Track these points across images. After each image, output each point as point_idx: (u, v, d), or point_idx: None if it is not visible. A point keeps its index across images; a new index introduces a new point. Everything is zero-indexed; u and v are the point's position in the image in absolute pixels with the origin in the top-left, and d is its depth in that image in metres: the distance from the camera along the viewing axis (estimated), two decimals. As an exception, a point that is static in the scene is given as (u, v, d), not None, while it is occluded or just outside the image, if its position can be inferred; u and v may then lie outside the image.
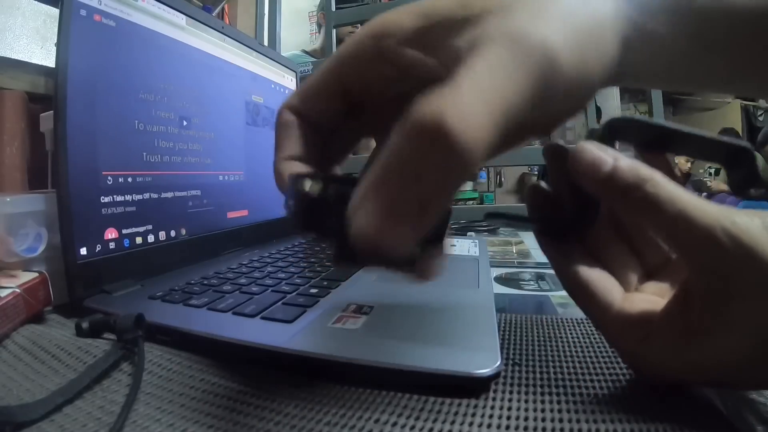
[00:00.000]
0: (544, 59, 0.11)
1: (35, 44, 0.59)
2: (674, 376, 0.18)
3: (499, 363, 0.21)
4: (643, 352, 0.18)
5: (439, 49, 0.13)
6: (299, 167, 0.18)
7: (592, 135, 0.20)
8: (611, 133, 0.20)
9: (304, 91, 0.18)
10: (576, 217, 0.20)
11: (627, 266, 0.21)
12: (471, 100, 0.10)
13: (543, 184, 0.22)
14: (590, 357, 0.24)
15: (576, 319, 0.29)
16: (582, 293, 0.20)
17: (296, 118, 0.18)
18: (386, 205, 0.11)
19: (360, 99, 0.17)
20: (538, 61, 0.11)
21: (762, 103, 3.19)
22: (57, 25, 0.32)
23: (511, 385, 0.21)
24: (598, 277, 0.20)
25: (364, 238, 0.11)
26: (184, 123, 0.44)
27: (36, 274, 0.29)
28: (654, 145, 0.21)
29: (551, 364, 0.23)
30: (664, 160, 0.22)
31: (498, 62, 0.11)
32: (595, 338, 0.26)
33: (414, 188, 0.11)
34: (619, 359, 0.23)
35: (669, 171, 0.22)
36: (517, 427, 0.17)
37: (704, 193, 2.56)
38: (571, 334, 0.27)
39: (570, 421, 0.17)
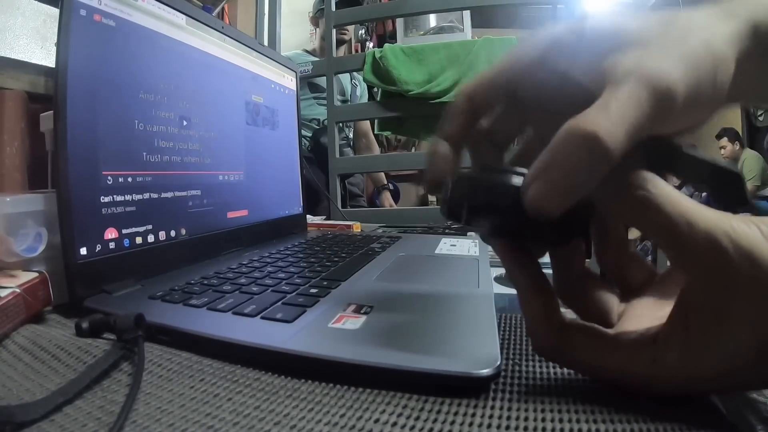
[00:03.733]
0: (666, 94, 0.16)
1: (35, 44, 0.59)
2: (686, 389, 0.18)
3: (499, 363, 0.21)
4: (653, 374, 0.18)
5: (589, 69, 0.18)
6: (445, 148, 0.22)
7: None
8: None
9: (481, 79, 0.21)
10: (563, 226, 0.19)
11: (606, 297, 0.22)
12: (615, 120, 0.16)
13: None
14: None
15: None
16: (573, 343, 0.20)
17: (469, 106, 0.22)
18: (551, 181, 0.16)
19: (521, 96, 0.21)
20: (663, 96, 0.16)
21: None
22: (57, 25, 0.32)
23: (511, 385, 0.21)
24: (589, 320, 0.20)
25: (533, 203, 0.17)
26: (184, 123, 0.44)
27: (36, 274, 0.29)
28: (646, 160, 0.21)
29: (551, 364, 0.23)
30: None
31: (635, 96, 0.16)
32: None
33: (568, 172, 0.16)
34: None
35: None
36: (517, 427, 0.17)
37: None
38: (571, 334, 0.27)
39: (570, 421, 0.17)
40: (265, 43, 1.20)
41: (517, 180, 0.18)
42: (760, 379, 0.17)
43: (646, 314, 0.20)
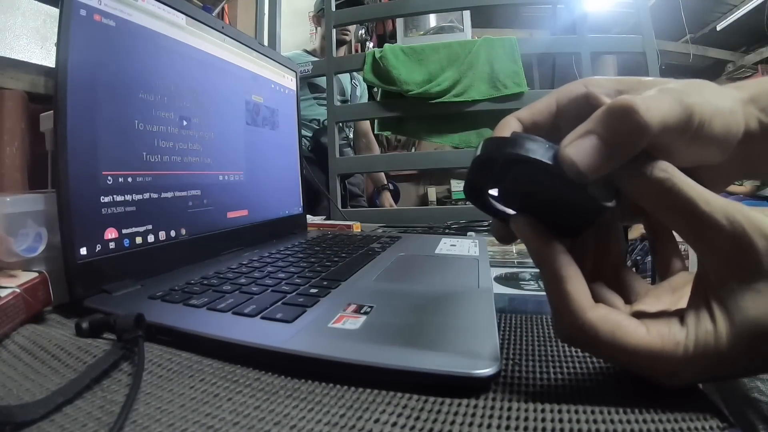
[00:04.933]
0: (688, 109, 0.18)
1: (35, 44, 0.59)
2: (712, 376, 0.18)
3: (499, 363, 0.21)
4: (681, 362, 0.18)
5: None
6: (516, 124, 0.23)
7: None
8: None
9: (532, 107, 0.23)
10: (591, 204, 0.19)
11: (633, 279, 0.23)
12: (652, 105, 0.17)
13: None
14: (590, 356, 0.24)
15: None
16: (604, 329, 0.19)
17: (519, 124, 0.23)
18: (590, 142, 0.18)
19: (562, 121, 0.23)
20: (686, 109, 0.18)
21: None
22: (57, 25, 0.32)
23: (511, 385, 0.21)
24: (617, 309, 0.20)
25: (570, 159, 0.18)
26: (184, 123, 0.44)
27: (36, 274, 0.29)
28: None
29: (551, 364, 0.23)
30: None
31: (668, 98, 0.18)
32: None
33: (607, 138, 0.18)
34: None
35: None
36: (517, 427, 0.17)
37: None
38: (571, 334, 0.27)
39: (570, 421, 0.17)
40: (265, 43, 1.20)
41: (553, 145, 0.18)
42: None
43: (668, 294, 0.21)
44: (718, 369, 0.18)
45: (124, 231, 0.36)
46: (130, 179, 0.37)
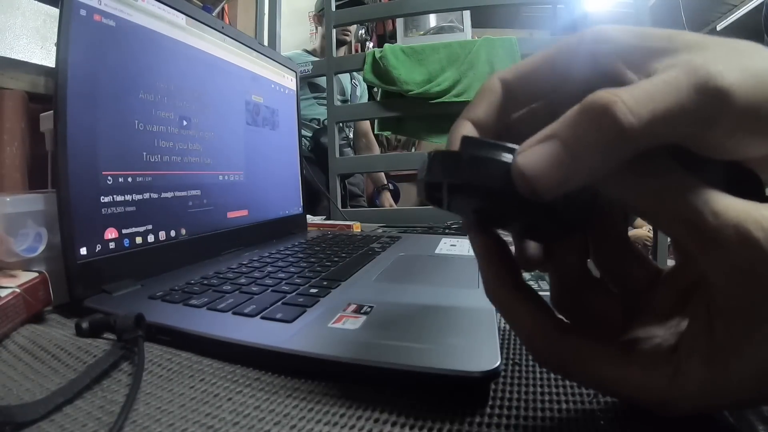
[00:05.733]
0: (715, 89, 0.13)
1: (35, 44, 0.59)
2: (712, 405, 0.16)
3: (499, 363, 0.20)
4: (674, 391, 0.15)
5: (639, 67, 0.16)
6: (470, 129, 0.19)
7: None
8: None
9: (519, 66, 0.19)
10: (557, 219, 0.16)
11: (608, 305, 0.19)
12: (640, 98, 0.13)
13: None
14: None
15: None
16: (579, 375, 0.17)
17: (501, 87, 0.19)
18: (550, 151, 0.14)
19: (560, 85, 0.18)
20: (710, 88, 0.13)
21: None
22: (57, 25, 0.32)
23: (511, 385, 0.21)
24: (593, 348, 0.17)
25: (523, 174, 0.14)
26: (184, 123, 0.44)
27: (36, 274, 0.29)
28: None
29: (551, 364, 0.23)
30: None
31: (674, 80, 0.14)
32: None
33: (575, 147, 0.13)
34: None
35: None
36: (517, 427, 0.17)
37: None
38: (571, 333, 0.27)
39: (570, 421, 0.17)
40: (265, 43, 1.20)
41: (508, 156, 0.14)
42: None
43: (656, 322, 0.18)
44: (722, 401, 0.15)
45: (124, 231, 0.36)
46: (130, 179, 0.37)
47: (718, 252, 0.13)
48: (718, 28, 3.49)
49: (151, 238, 0.38)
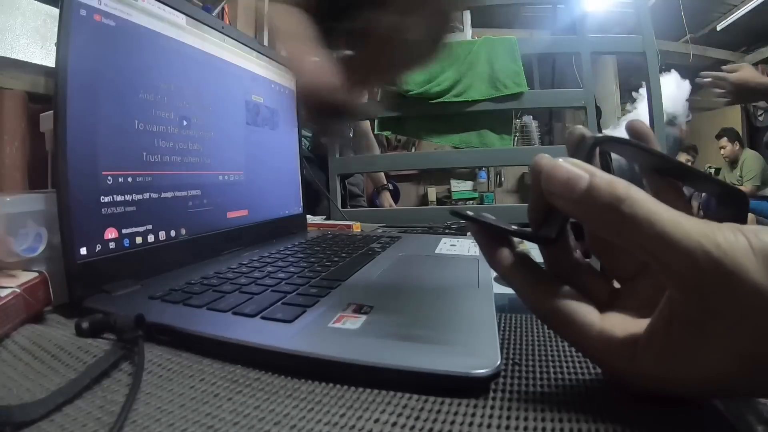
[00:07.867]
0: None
1: (35, 44, 0.59)
2: (663, 390, 0.18)
3: (499, 363, 0.21)
4: (631, 369, 0.18)
5: None
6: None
7: (576, 151, 0.20)
8: (601, 154, 0.21)
9: None
10: (545, 231, 0.20)
11: (595, 284, 0.21)
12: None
13: None
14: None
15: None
16: (557, 318, 0.19)
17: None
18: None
19: None
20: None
21: (762, 103, 3.19)
22: (57, 25, 0.32)
23: (511, 385, 0.21)
24: (573, 300, 0.19)
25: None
26: (184, 123, 0.44)
27: (36, 274, 0.29)
28: (656, 170, 0.22)
29: (551, 364, 0.23)
30: (671, 182, 0.22)
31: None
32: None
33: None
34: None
35: (678, 194, 0.22)
36: (517, 427, 0.17)
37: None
38: (571, 334, 0.27)
39: (570, 421, 0.17)
40: (265, 43, 1.20)
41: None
42: (744, 389, 0.16)
43: (633, 309, 0.20)
44: (672, 391, 0.17)
45: (124, 231, 0.36)
46: (130, 179, 0.37)
47: (672, 273, 0.16)
48: (718, 28, 3.49)
49: (151, 238, 0.38)
